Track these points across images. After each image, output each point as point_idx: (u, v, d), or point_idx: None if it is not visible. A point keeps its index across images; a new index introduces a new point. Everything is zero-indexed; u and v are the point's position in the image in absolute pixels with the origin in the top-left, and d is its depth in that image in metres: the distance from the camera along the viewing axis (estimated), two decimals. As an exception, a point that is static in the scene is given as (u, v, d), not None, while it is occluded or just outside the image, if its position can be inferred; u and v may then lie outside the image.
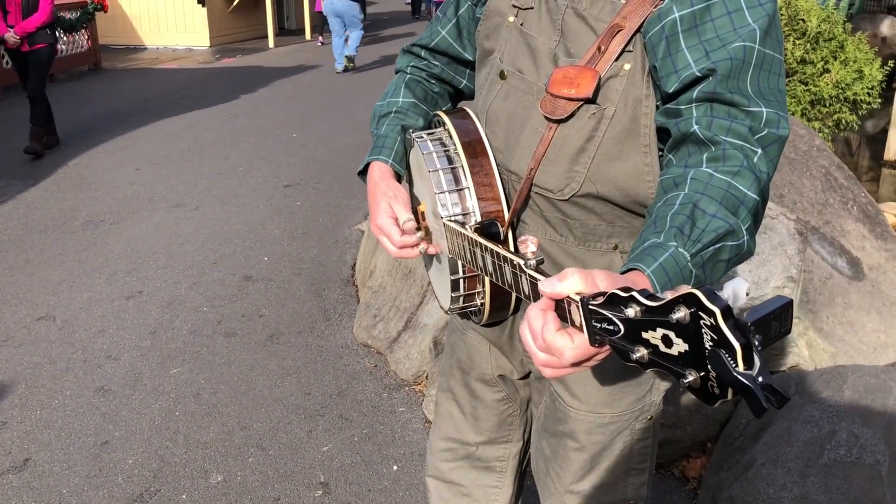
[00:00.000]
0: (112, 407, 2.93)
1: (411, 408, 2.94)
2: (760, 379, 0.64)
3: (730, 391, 0.65)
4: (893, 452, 2.07)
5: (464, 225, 1.16)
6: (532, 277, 0.91)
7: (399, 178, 1.33)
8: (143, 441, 2.73)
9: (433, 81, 1.43)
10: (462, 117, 1.26)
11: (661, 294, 0.70)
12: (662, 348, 0.70)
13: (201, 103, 8.49)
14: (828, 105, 4.89)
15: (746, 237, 0.94)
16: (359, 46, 11.01)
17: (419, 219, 1.33)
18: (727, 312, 0.65)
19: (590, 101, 1.09)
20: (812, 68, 4.82)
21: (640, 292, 0.71)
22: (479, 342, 1.42)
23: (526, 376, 1.41)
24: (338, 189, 5.53)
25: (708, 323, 0.65)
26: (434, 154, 1.22)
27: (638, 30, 1.06)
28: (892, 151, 6.49)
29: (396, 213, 1.24)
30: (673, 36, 1.02)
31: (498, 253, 1.01)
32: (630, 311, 0.72)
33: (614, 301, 0.74)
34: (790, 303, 0.68)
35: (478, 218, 1.18)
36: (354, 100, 8.73)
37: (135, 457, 2.65)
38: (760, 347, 0.65)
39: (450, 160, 1.21)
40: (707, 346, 0.66)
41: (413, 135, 1.27)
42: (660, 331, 0.70)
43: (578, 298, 0.78)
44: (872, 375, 2.36)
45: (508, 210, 1.19)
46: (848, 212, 3.54)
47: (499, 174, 1.21)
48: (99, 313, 3.67)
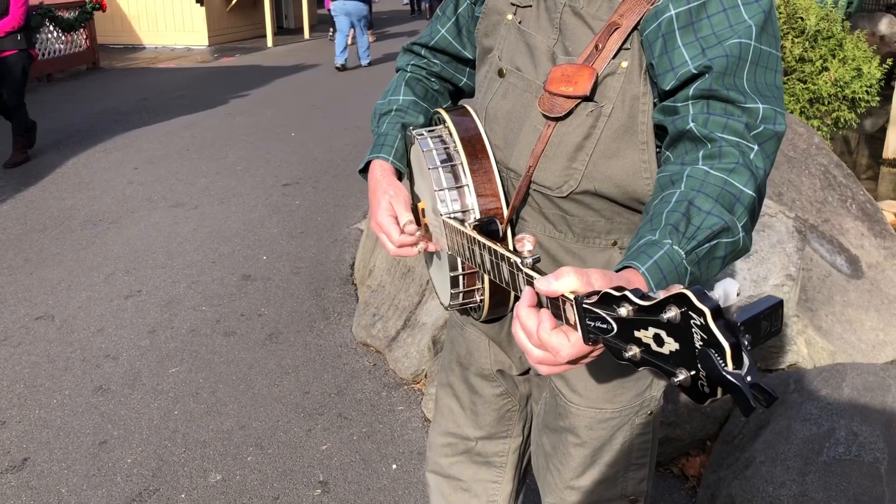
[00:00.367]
0: (111, 406, 2.93)
1: (410, 406, 2.93)
2: (749, 378, 0.64)
3: (719, 390, 0.66)
4: (892, 450, 2.07)
5: (463, 222, 1.16)
6: (528, 276, 0.91)
7: (400, 176, 1.33)
8: (142, 440, 2.73)
9: (433, 79, 1.44)
10: (462, 115, 1.26)
11: (654, 294, 0.70)
12: (654, 347, 0.71)
13: (200, 103, 8.49)
14: (826, 103, 4.89)
15: (742, 234, 0.94)
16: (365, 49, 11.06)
17: (420, 216, 1.33)
18: (717, 312, 0.65)
19: (587, 99, 1.09)
20: (811, 66, 4.82)
21: (633, 291, 0.72)
22: (479, 337, 1.43)
23: (525, 372, 1.42)
24: (336, 188, 5.53)
25: (698, 323, 0.66)
26: (434, 151, 1.22)
27: (635, 27, 1.07)
28: (891, 150, 6.49)
29: (397, 212, 1.24)
30: (669, 33, 1.02)
31: (495, 251, 1.01)
32: (622, 311, 0.72)
33: (607, 300, 0.74)
34: (780, 303, 0.69)
35: (477, 215, 1.18)
36: (353, 99, 8.73)
37: (133, 456, 2.65)
38: (750, 347, 0.66)
39: (449, 157, 1.21)
40: (697, 346, 0.67)
41: (413, 132, 1.27)
42: (651, 330, 0.70)
43: (573, 297, 0.79)
44: (871, 373, 2.37)
45: (507, 207, 1.19)
46: (847, 210, 3.54)
47: (498, 172, 1.21)
48: (98, 313, 3.67)
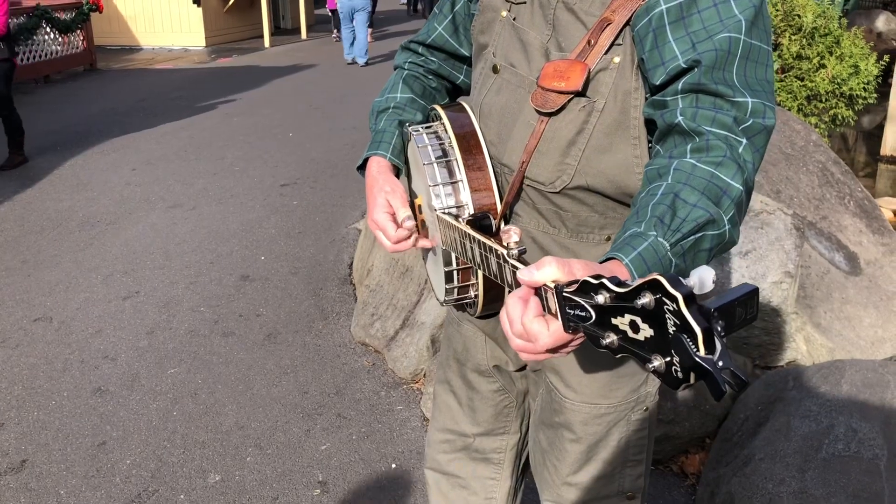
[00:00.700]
0: (109, 407, 2.92)
1: (409, 406, 2.93)
2: (721, 364, 0.65)
3: (692, 375, 0.66)
4: (892, 446, 2.06)
5: (457, 217, 1.16)
6: (513, 266, 0.92)
7: (398, 173, 1.34)
8: (141, 441, 2.73)
9: (431, 77, 1.44)
10: (458, 111, 1.27)
11: (630, 281, 0.71)
12: (630, 334, 0.72)
13: (197, 103, 8.48)
14: (824, 100, 4.89)
15: (728, 227, 0.94)
16: (365, 48, 11.10)
17: (416, 212, 1.33)
18: (689, 298, 0.66)
19: (580, 94, 1.10)
20: (808, 64, 4.82)
21: (611, 279, 0.73)
22: (475, 333, 1.43)
23: (522, 368, 1.42)
24: (334, 188, 5.53)
25: (671, 308, 0.66)
26: (429, 147, 1.23)
27: (627, 23, 1.07)
28: (889, 146, 6.49)
29: (394, 207, 1.25)
30: (660, 28, 1.03)
31: (484, 243, 1.02)
32: (600, 298, 0.73)
33: (586, 288, 0.75)
34: (755, 290, 0.70)
35: (471, 210, 1.18)
36: (351, 98, 8.73)
37: (132, 457, 2.65)
38: (724, 333, 0.67)
39: (444, 153, 1.22)
40: (671, 332, 0.67)
41: (410, 128, 1.28)
42: (627, 317, 0.71)
43: (553, 286, 0.79)
44: (870, 370, 2.37)
45: (501, 203, 1.19)
46: (845, 207, 3.54)
47: (492, 167, 1.21)
48: (96, 314, 3.66)
